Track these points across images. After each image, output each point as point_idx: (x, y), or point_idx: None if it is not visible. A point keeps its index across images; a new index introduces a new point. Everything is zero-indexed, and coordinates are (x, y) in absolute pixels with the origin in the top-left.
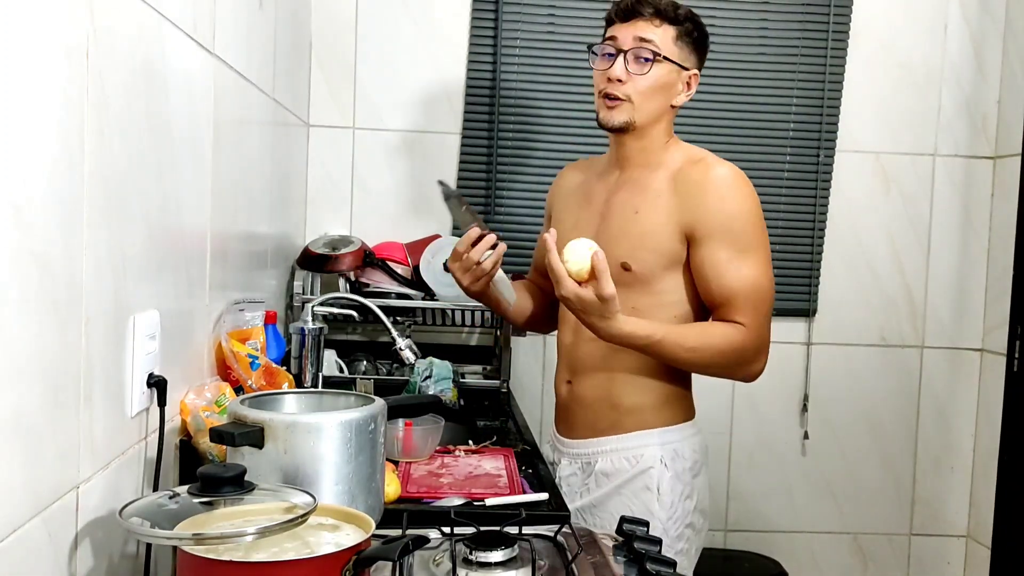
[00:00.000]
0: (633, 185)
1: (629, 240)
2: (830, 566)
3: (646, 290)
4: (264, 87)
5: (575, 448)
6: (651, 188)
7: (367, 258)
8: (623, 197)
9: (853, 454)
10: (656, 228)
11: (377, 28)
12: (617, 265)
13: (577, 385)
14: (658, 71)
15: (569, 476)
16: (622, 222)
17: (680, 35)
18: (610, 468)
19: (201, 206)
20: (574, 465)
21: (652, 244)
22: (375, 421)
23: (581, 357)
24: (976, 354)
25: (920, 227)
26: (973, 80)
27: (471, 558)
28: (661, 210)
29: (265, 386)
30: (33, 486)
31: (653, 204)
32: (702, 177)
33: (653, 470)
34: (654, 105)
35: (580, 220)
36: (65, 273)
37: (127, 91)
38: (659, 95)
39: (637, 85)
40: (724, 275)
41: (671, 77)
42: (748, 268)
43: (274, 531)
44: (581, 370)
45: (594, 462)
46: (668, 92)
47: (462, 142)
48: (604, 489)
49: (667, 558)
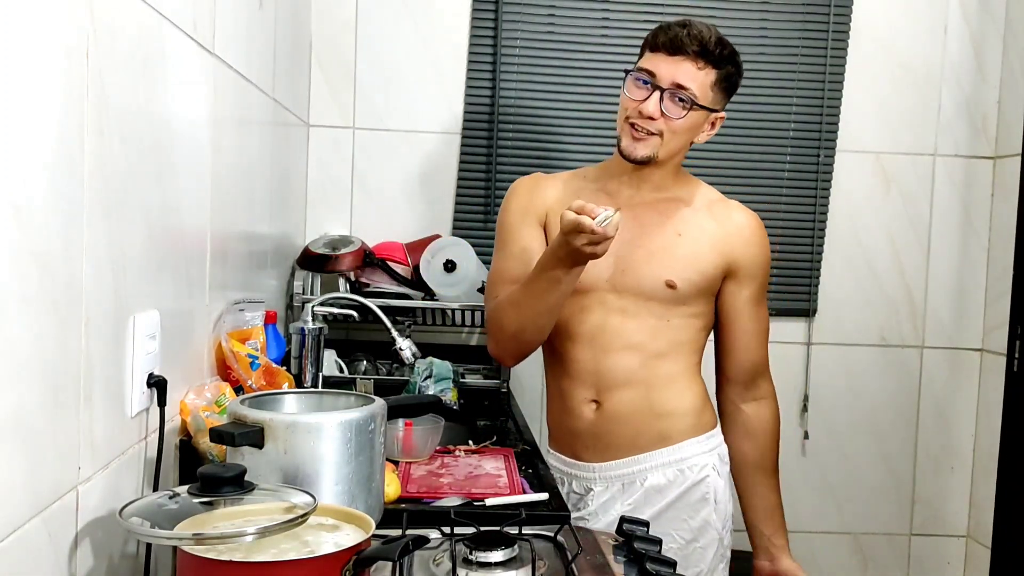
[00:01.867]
0: (666, 208)
1: (674, 260)
2: (830, 566)
3: (681, 307)
4: (264, 87)
5: (613, 471)
6: (689, 216)
7: (367, 258)
8: (661, 218)
9: (853, 454)
10: (701, 254)
11: (377, 28)
12: (661, 282)
13: (608, 403)
14: (691, 116)
15: (607, 501)
16: (664, 241)
17: (718, 80)
18: (663, 482)
19: (201, 206)
20: (612, 488)
21: (698, 267)
22: (375, 421)
23: (614, 371)
24: (976, 354)
25: (920, 227)
26: (973, 80)
27: (471, 558)
28: (705, 238)
29: (265, 386)
30: (33, 486)
31: (697, 231)
32: (746, 221)
33: (709, 479)
34: (678, 143)
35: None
36: (65, 273)
37: (127, 91)
38: (686, 135)
39: (669, 124)
40: (752, 319)
41: (699, 120)
42: (765, 314)
43: (274, 531)
44: (611, 386)
45: (641, 480)
46: (694, 133)
47: (462, 142)
48: (656, 506)
49: (667, 558)
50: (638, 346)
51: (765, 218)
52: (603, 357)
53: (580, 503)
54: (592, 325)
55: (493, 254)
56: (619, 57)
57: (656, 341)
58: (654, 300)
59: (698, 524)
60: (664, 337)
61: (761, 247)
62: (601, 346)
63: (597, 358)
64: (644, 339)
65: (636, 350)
